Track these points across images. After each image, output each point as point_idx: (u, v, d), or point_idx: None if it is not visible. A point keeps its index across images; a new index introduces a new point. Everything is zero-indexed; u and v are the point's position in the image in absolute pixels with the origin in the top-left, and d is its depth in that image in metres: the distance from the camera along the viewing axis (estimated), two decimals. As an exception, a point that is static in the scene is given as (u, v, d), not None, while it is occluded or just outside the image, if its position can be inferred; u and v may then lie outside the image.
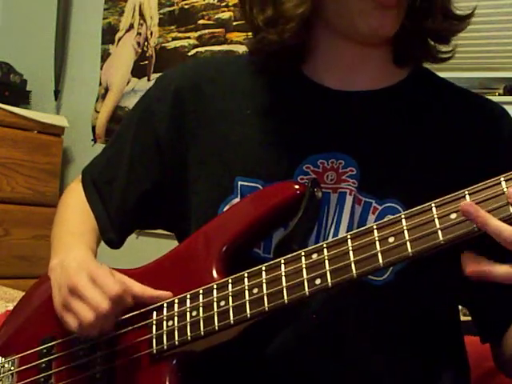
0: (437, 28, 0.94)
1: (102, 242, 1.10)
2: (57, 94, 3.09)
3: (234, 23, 2.63)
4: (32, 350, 1.00)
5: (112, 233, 1.08)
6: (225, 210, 0.95)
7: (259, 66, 1.00)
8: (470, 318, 1.12)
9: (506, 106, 1.02)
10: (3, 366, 1.02)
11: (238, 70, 1.04)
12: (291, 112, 0.98)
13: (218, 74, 1.04)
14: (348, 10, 0.89)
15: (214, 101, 1.01)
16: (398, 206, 0.90)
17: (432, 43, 0.97)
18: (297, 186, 0.90)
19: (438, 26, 0.94)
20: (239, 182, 0.95)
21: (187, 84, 1.04)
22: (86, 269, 0.92)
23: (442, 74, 1.04)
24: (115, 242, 1.09)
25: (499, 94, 2.32)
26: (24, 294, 1.11)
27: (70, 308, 0.91)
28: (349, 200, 0.91)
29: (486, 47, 2.34)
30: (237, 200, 0.95)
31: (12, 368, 1.01)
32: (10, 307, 1.14)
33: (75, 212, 1.10)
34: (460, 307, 1.03)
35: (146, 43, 2.88)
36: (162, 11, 2.85)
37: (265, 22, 0.92)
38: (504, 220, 0.72)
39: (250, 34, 1.00)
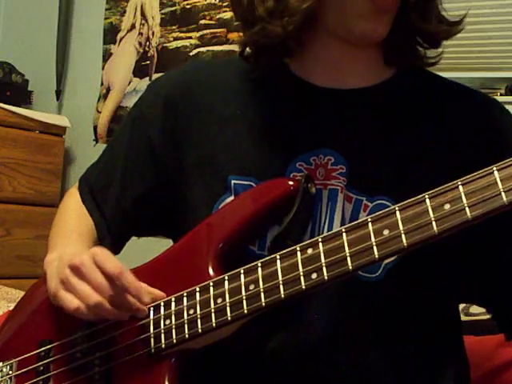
0: (431, 31, 0.95)
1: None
2: (58, 93, 3.09)
3: (236, 23, 2.62)
4: (30, 354, 0.99)
5: (109, 239, 1.08)
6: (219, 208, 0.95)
7: (248, 66, 1.01)
8: (469, 318, 1.11)
9: (507, 106, 1.02)
10: (1, 370, 1.01)
11: (228, 72, 1.05)
12: (281, 110, 0.99)
13: (208, 77, 1.05)
14: (345, 11, 0.90)
15: (205, 103, 1.02)
16: (389, 203, 0.90)
17: (420, 48, 0.97)
18: (290, 182, 0.90)
19: (433, 28, 0.95)
20: (232, 181, 0.95)
21: (178, 88, 1.05)
22: (89, 251, 0.92)
23: (443, 74, 1.04)
24: (112, 249, 1.09)
25: (501, 94, 2.31)
26: (21, 297, 1.10)
27: (70, 287, 0.90)
28: (340, 197, 0.91)
29: (487, 47, 2.34)
30: (231, 198, 0.95)
31: (10, 372, 1.00)
32: (12, 307, 1.14)
33: (74, 215, 1.11)
34: (461, 308, 1.03)
35: (147, 43, 2.88)
36: (163, 11, 2.85)
37: (268, 13, 0.92)
38: (497, 209, 0.72)
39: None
